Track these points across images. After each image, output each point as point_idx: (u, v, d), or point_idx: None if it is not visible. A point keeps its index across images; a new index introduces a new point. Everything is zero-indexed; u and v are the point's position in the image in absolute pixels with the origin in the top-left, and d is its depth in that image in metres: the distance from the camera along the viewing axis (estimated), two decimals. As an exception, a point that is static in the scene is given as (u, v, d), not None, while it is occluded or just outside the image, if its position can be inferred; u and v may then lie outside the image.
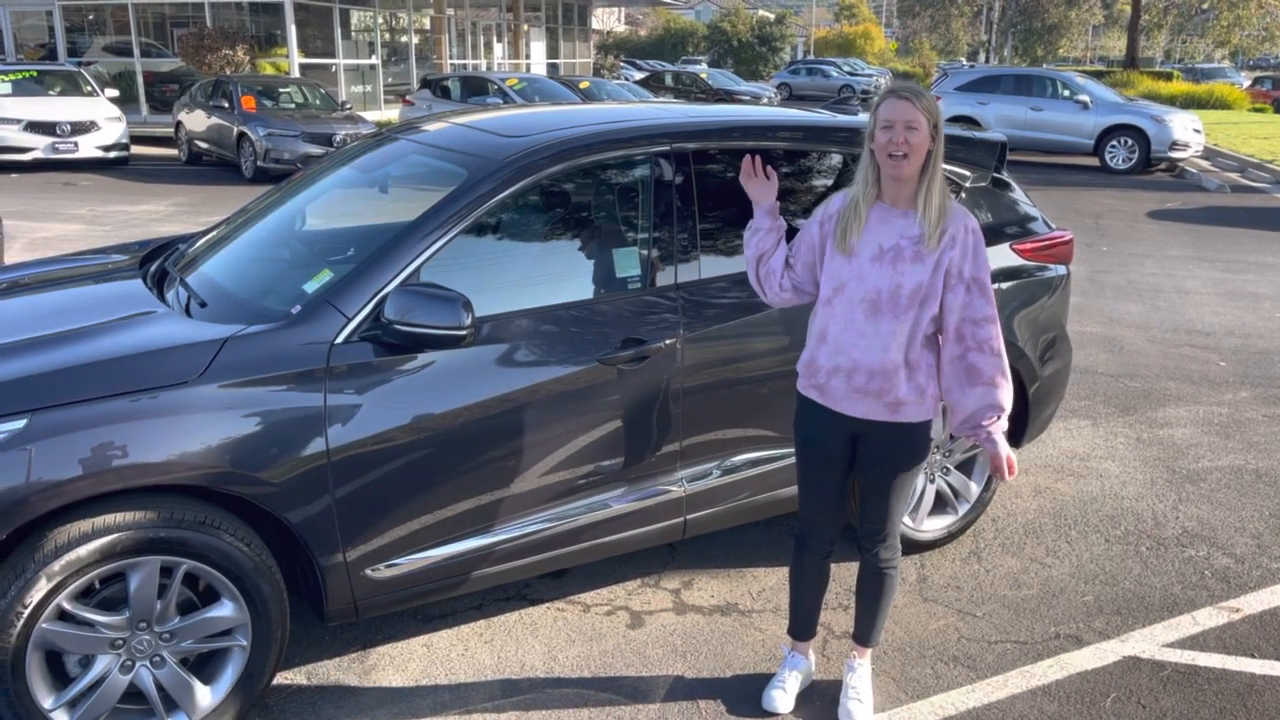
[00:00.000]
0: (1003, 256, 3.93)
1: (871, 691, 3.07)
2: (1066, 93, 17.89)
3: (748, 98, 27.80)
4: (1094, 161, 17.58)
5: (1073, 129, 17.51)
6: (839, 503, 2.93)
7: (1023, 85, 18.42)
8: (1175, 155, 17.06)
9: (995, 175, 4.10)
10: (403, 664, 3.22)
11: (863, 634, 3.07)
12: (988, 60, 49.07)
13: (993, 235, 3.93)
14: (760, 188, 2.86)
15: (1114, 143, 17.24)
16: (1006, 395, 2.72)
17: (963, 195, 3.93)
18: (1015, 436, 4.15)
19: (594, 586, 3.69)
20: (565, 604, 3.58)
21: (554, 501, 3.14)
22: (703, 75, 30.95)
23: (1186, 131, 17.06)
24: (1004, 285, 3.90)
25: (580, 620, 3.48)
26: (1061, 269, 4.18)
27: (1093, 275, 9.22)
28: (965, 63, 52.13)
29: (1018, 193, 4.20)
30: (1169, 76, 36.13)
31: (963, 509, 4.05)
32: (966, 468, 4.00)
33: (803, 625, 3.11)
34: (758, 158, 2.89)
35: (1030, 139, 17.75)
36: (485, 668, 3.21)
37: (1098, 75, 29.89)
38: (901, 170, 2.59)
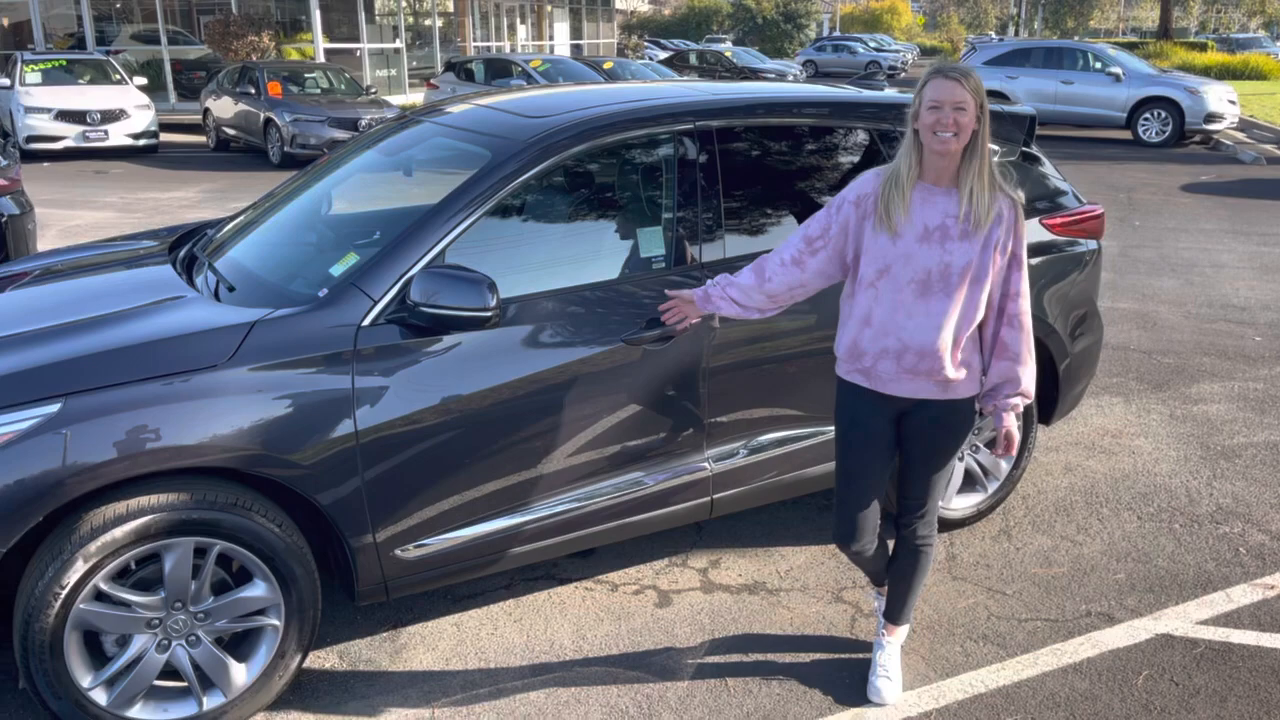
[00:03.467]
0: (1032, 232, 3.88)
1: (901, 669, 3.06)
2: (1098, 65, 17.59)
3: (773, 75, 27.59)
4: (1126, 135, 17.31)
5: (1104, 102, 17.23)
6: (881, 492, 2.86)
7: (1053, 58, 18.13)
8: (1210, 127, 16.75)
9: (1024, 149, 4.05)
10: (433, 643, 3.25)
11: (894, 612, 3.06)
12: (1017, 33, 48.36)
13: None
14: (682, 315, 2.97)
15: (1147, 115, 16.95)
16: (1028, 374, 2.69)
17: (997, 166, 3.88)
18: (1045, 413, 4.11)
19: (621, 566, 3.70)
20: (593, 583, 3.59)
21: (581, 481, 3.15)
22: (727, 54, 30.71)
23: (1221, 103, 16.74)
24: (1034, 261, 3.84)
25: (608, 599, 3.50)
26: (1092, 244, 4.12)
27: (1125, 250, 9.09)
28: (994, 36, 51.47)
29: (1047, 167, 4.15)
30: (1203, 47, 35.45)
31: (992, 487, 4.02)
32: (996, 445, 3.97)
33: (878, 576, 3.14)
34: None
35: (1061, 113, 17.50)
36: (514, 647, 3.23)
37: (1130, 47, 29.38)
38: (949, 147, 2.54)
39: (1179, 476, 4.52)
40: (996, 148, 3.92)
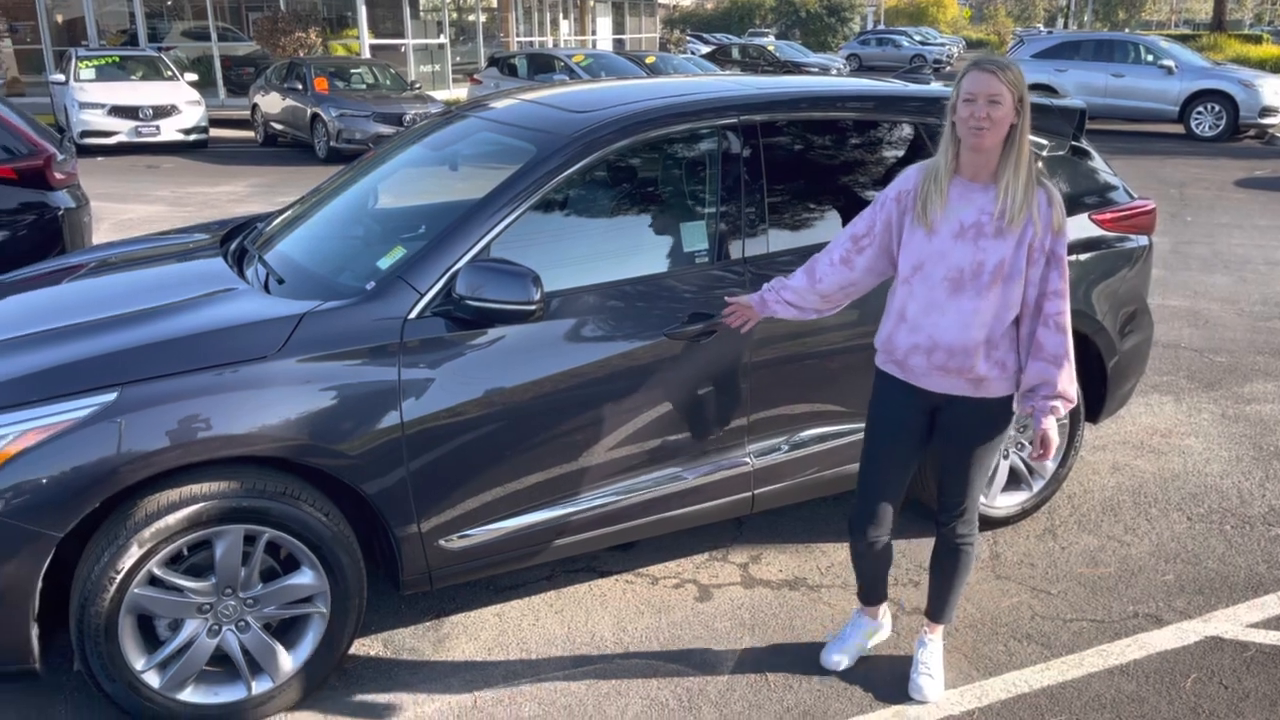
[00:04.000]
0: (1081, 227, 3.83)
1: (943, 667, 3.04)
2: (1150, 58, 17.27)
3: (816, 70, 27.40)
4: (1179, 129, 16.99)
5: (1156, 95, 16.92)
6: (901, 485, 2.87)
7: (1103, 51, 17.82)
8: (1265, 121, 16.38)
9: (1074, 144, 3.99)
10: (475, 633, 3.28)
11: (935, 610, 3.04)
12: (1066, 26, 47.54)
13: (1071, 205, 3.82)
14: (744, 318, 2.99)
15: (1200, 109, 16.62)
16: (1066, 377, 2.63)
17: (1039, 164, 3.83)
18: (1093, 411, 4.06)
19: (662, 560, 3.71)
20: (634, 576, 3.61)
21: (622, 475, 3.16)
22: (770, 48, 30.55)
23: (1277, 96, 16.37)
24: (1083, 257, 3.80)
25: (649, 592, 3.51)
26: (1143, 240, 4.06)
27: (1176, 247, 8.92)
28: (1042, 29, 50.63)
29: (1097, 161, 4.08)
30: (1258, 40, 34.59)
31: (1037, 485, 3.97)
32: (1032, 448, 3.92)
33: (869, 592, 3.11)
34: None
35: (1111, 106, 17.21)
36: (556, 638, 3.26)
37: (1183, 39, 28.78)
38: (982, 142, 2.52)
39: (1230, 477, 4.44)
40: (1046, 141, 3.87)
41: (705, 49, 32.62)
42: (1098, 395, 4.00)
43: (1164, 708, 2.93)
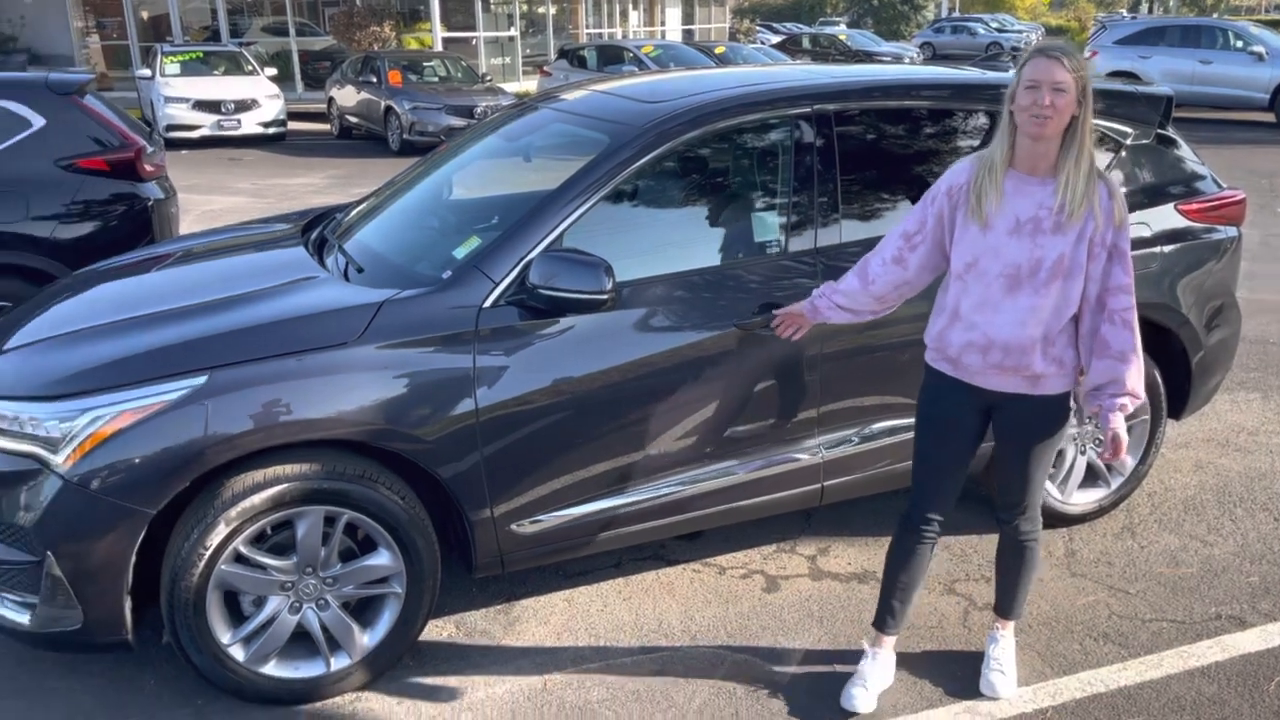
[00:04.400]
0: (1167, 218, 3.73)
1: (1015, 664, 3.00)
2: (1239, 44, 16.65)
3: (888, 59, 26.98)
4: (1269, 117, 16.36)
5: (1246, 82, 16.32)
6: (957, 481, 2.82)
7: (1190, 37, 17.24)
8: (1362, 108, 15.70)
9: (1160, 132, 3.88)
10: (545, 617, 3.33)
11: (1004, 606, 3.00)
12: (1151, 11, 46.08)
13: (1157, 195, 3.73)
14: (795, 326, 2.97)
15: (1293, 96, 15.99)
16: (1134, 374, 2.55)
17: (1123, 153, 3.74)
18: (1176, 408, 3.95)
19: (729, 550, 3.72)
20: (701, 565, 3.62)
21: (691, 464, 3.18)
22: (841, 37, 30.20)
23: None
24: (1167, 248, 3.70)
25: (716, 582, 3.52)
26: (1232, 231, 3.93)
27: (1266, 239, 8.61)
28: (1125, 14, 49.11)
29: (1184, 150, 3.96)
30: (1358, 22, 33.11)
31: (1115, 482, 3.88)
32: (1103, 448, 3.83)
33: (889, 614, 2.93)
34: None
35: (1198, 94, 16.63)
36: (624, 624, 3.29)
37: (1273, 25, 27.70)
38: (1044, 131, 2.43)
39: (1321, 477, 4.29)
40: (1131, 130, 3.77)
41: (775, 39, 32.38)
42: (1181, 391, 3.90)
43: (1246, 711, 2.85)
